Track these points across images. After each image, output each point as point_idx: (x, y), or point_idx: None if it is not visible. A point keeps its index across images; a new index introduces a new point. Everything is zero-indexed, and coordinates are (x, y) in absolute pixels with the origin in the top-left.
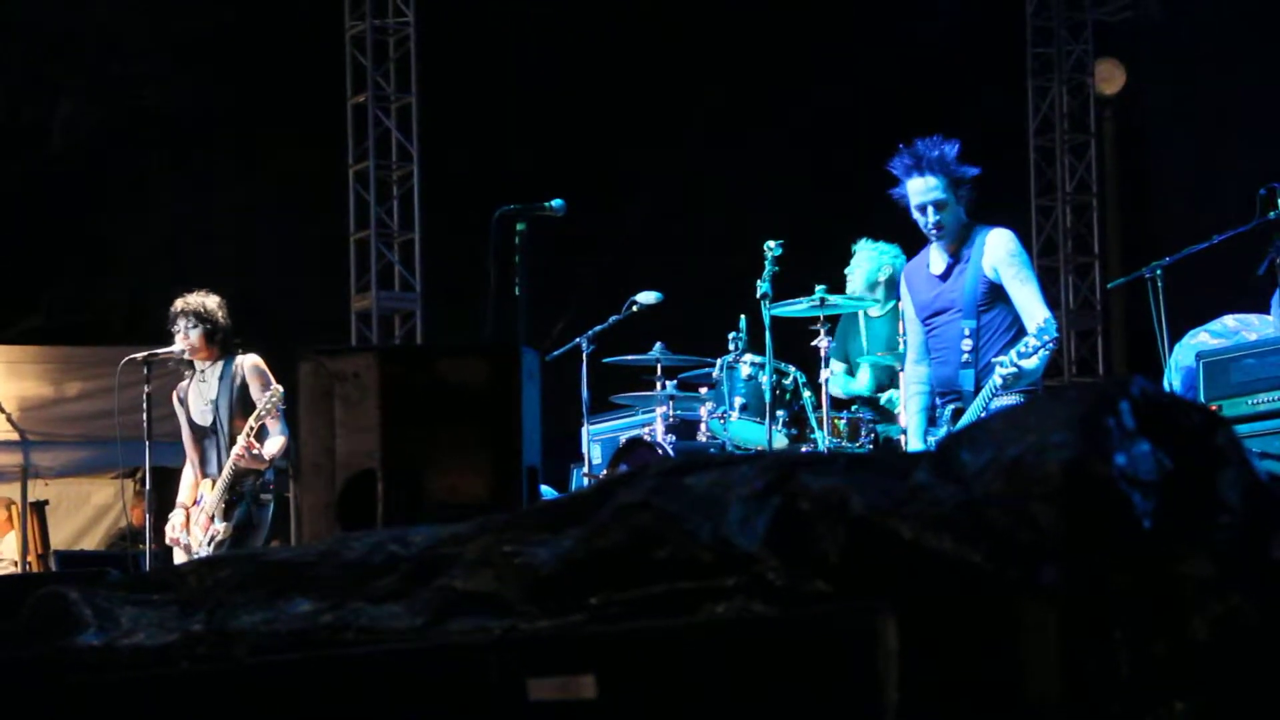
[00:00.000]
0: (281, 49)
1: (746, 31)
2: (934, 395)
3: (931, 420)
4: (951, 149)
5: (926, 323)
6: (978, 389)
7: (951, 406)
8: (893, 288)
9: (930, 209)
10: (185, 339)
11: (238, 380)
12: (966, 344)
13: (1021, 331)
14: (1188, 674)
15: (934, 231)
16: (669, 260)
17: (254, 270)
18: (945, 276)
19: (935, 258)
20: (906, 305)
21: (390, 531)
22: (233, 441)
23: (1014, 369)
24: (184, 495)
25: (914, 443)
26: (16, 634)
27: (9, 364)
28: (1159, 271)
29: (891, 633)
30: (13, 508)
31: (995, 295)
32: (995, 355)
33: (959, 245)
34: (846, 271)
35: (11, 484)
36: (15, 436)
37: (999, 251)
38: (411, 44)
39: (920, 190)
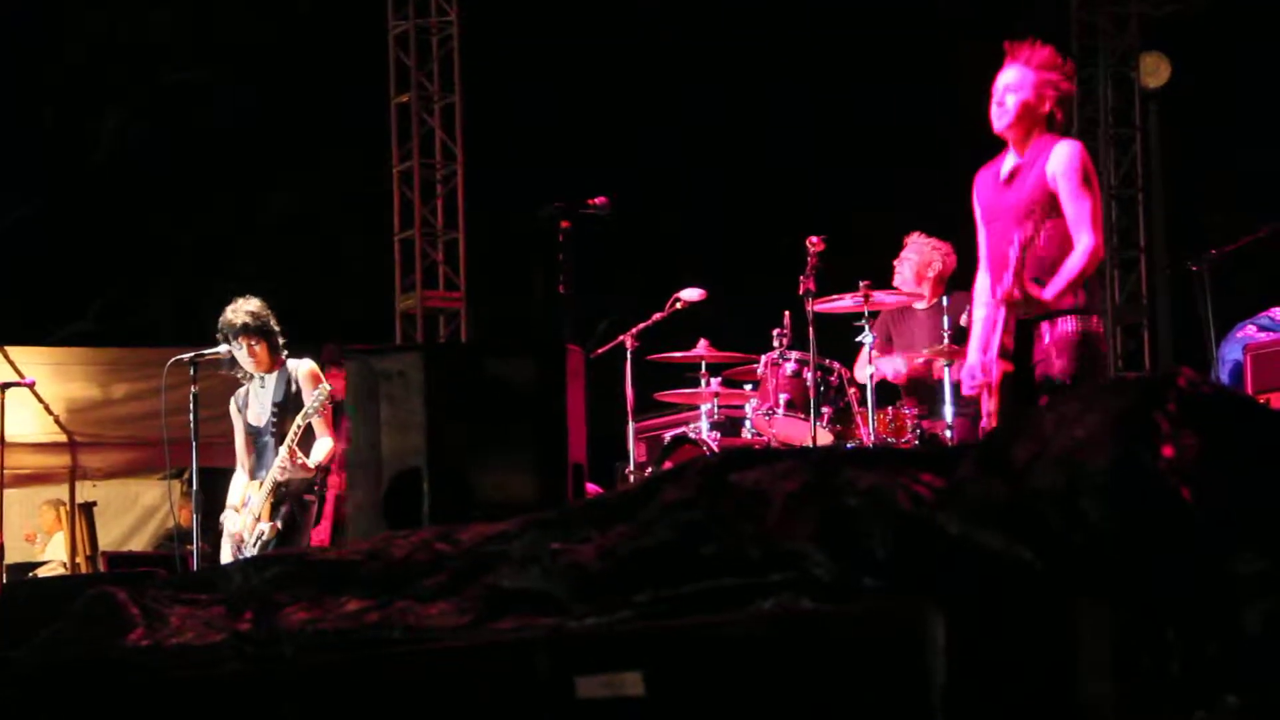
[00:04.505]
0: (325, 50)
1: (789, 30)
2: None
3: (993, 327)
4: (1056, 56)
5: (988, 228)
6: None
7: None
8: (940, 284)
9: (1004, 93)
10: (251, 355)
11: (294, 386)
12: (1013, 251)
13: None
14: (1239, 667)
15: (997, 113)
16: (712, 257)
17: (299, 271)
18: (1010, 181)
19: (1007, 162)
20: (976, 211)
21: (437, 530)
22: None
23: (1021, 295)
24: (234, 498)
25: (971, 355)
26: (66, 634)
27: (57, 366)
28: (1206, 265)
29: (940, 629)
30: (61, 509)
31: (1053, 206)
32: (1042, 270)
33: (1031, 152)
34: (896, 263)
35: (60, 485)
36: (63, 438)
37: (1062, 162)
38: (455, 43)
39: (1004, 78)
